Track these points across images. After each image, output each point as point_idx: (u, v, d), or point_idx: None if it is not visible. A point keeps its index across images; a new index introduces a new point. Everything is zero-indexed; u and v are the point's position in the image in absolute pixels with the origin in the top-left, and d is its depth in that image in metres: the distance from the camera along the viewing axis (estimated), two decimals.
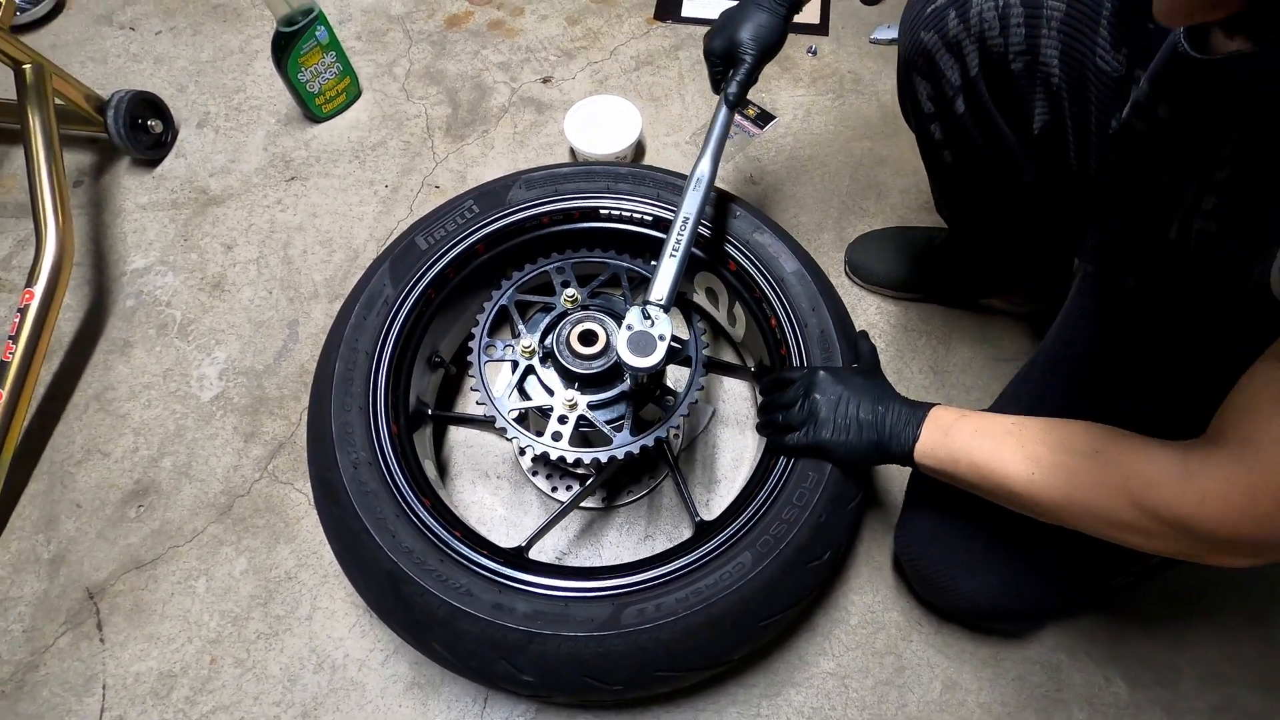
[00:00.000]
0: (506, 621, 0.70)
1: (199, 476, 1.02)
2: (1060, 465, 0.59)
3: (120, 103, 1.21)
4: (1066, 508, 0.59)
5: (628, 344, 0.70)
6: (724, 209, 0.93)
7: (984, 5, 0.71)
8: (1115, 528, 0.56)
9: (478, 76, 1.39)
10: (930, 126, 0.83)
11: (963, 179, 0.90)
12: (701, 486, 1.01)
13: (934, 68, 0.77)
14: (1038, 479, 0.60)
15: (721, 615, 0.71)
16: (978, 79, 0.75)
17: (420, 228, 0.91)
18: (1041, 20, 0.69)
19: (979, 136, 0.80)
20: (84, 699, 0.88)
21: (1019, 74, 0.72)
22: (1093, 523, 0.58)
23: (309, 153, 1.31)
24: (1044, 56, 0.70)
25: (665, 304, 0.73)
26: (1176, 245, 0.58)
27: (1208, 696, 0.87)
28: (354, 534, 0.74)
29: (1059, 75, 0.70)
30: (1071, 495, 0.58)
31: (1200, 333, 0.64)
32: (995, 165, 0.82)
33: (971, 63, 0.74)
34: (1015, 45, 0.71)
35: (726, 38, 0.79)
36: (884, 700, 0.87)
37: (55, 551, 0.97)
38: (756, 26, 0.77)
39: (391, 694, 0.88)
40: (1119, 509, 0.55)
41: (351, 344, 0.83)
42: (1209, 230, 0.54)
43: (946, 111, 0.80)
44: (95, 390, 1.09)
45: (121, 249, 1.22)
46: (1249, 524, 0.48)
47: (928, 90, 0.80)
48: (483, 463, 1.03)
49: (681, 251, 0.75)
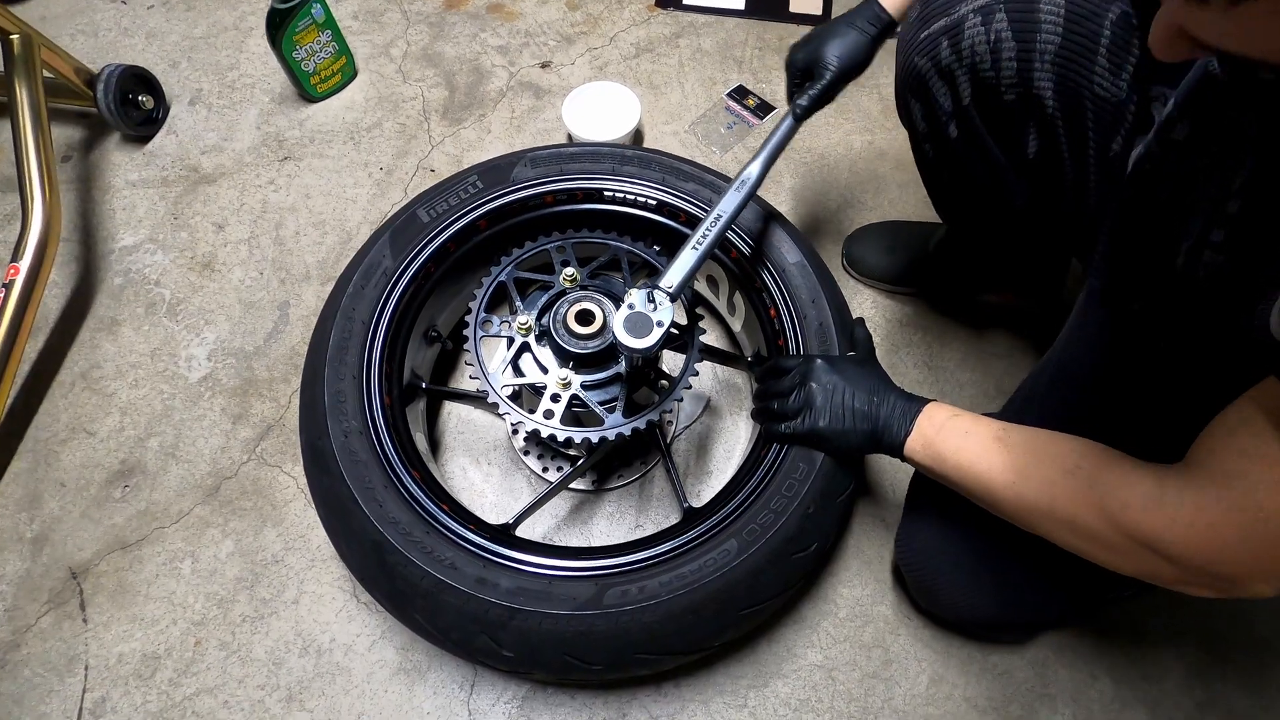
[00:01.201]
0: (489, 596, 0.70)
1: (186, 457, 1.01)
2: (1043, 478, 0.59)
3: (111, 77, 1.19)
4: (1046, 519, 0.59)
5: (624, 323, 0.70)
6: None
7: (975, 37, 0.71)
8: (1091, 543, 0.56)
9: (476, 60, 1.38)
10: (924, 146, 0.84)
11: (956, 194, 0.91)
12: (693, 474, 1.01)
13: (927, 93, 0.77)
14: (1020, 488, 0.60)
15: (704, 601, 0.71)
16: (970, 108, 0.75)
17: (422, 200, 0.90)
18: (1034, 54, 0.69)
19: (972, 159, 0.80)
20: (66, 679, 0.88)
21: (1012, 104, 0.73)
22: (1070, 537, 0.58)
23: (303, 133, 1.29)
24: (1037, 88, 0.70)
25: (674, 292, 0.73)
26: (1183, 275, 0.58)
27: (1193, 694, 0.88)
28: (342, 502, 0.74)
29: (1053, 104, 0.70)
30: (1052, 508, 0.58)
31: (1203, 363, 0.64)
32: (989, 188, 0.82)
33: (964, 91, 0.75)
34: (1007, 78, 0.71)
35: (811, 52, 0.78)
36: (871, 693, 0.87)
37: (38, 530, 0.96)
38: (844, 45, 0.77)
39: (378, 679, 0.88)
40: (1095, 526, 0.55)
41: (348, 313, 0.83)
42: (1217, 262, 0.54)
43: (939, 134, 0.80)
44: (81, 368, 1.07)
45: (110, 226, 1.20)
46: (1213, 552, 0.49)
47: (921, 111, 0.80)
48: (475, 445, 1.03)
49: (705, 246, 0.75)
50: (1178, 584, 0.53)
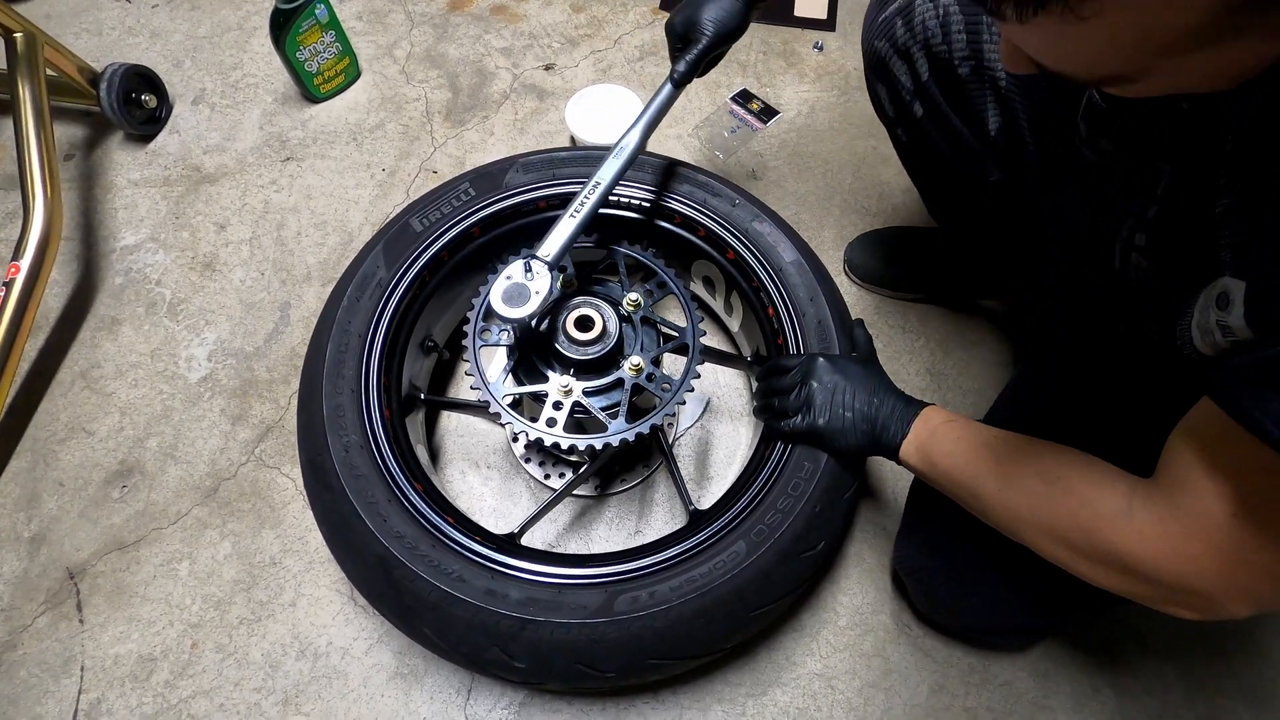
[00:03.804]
0: (499, 608, 0.69)
1: (185, 458, 1.00)
2: (1027, 487, 0.58)
3: (114, 76, 1.19)
4: (1030, 529, 0.58)
5: (502, 294, 0.72)
6: (724, 197, 0.92)
7: (925, 13, 0.75)
8: (1073, 557, 0.55)
9: (479, 61, 1.37)
10: (896, 130, 0.86)
11: (936, 179, 0.92)
12: (695, 477, 1.00)
13: (888, 74, 0.80)
14: (1006, 497, 0.60)
15: (715, 603, 0.70)
16: (929, 84, 0.78)
17: (415, 210, 0.89)
18: (982, 25, 0.71)
19: (940, 138, 0.82)
20: (61, 680, 0.87)
21: (967, 77, 0.75)
22: (1054, 549, 0.57)
23: (305, 133, 1.29)
24: (988, 60, 0.72)
25: (551, 261, 0.74)
26: (1119, 276, 0.59)
27: (1196, 707, 0.87)
28: (345, 518, 0.73)
29: (1005, 78, 0.71)
30: (1036, 518, 0.57)
31: (1154, 374, 0.64)
32: (961, 166, 0.83)
33: (921, 68, 0.77)
34: (959, 50, 0.73)
35: (687, 18, 0.78)
36: (870, 703, 0.87)
37: (36, 530, 0.96)
38: (718, 9, 0.77)
39: (374, 683, 0.87)
40: (1075, 539, 0.54)
41: (344, 326, 0.82)
42: (1141, 266, 0.55)
43: (906, 115, 0.82)
44: (81, 368, 1.07)
45: (112, 225, 1.20)
46: (1181, 565, 0.48)
47: (887, 94, 0.83)
48: (475, 450, 1.02)
49: (584, 214, 0.77)
50: (1159, 603, 0.52)
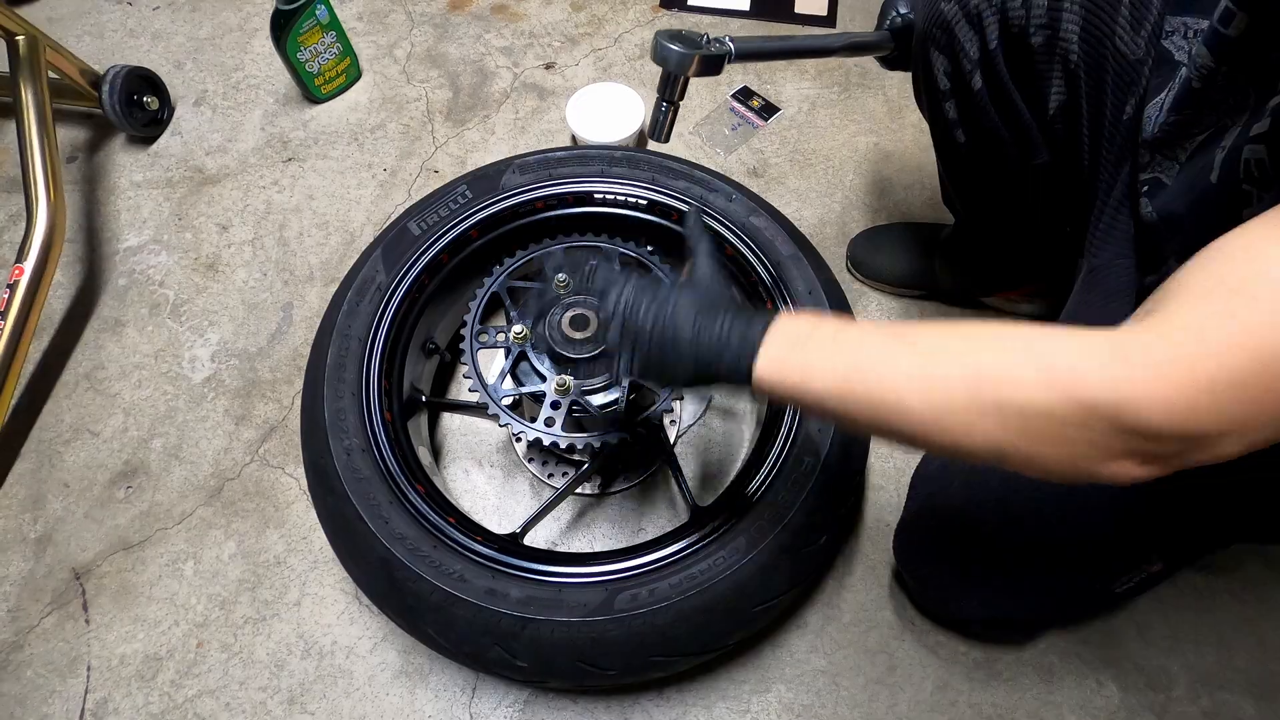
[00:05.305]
0: (500, 607, 0.69)
1: (189, 459, 1.01)
2: (963, 354, 0.46)
3: (116, 78, 1.19)
4: (966, 413, 0.44)
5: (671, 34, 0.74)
6: (721, 192, 0.92)
7: None
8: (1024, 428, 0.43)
9: (480, 61, 1.37)
10: (945, 105, 0.82)
11: (975, 162, 0.88)
12: (696, 475, 1.00)
13: (952, 41, 0.76)
14: (930, 378, 0.46)
15: (716, 600, 0.71)
16: (996, 52, 0.74)
17: (413, 213, 0.90)
18: None
19: (995, 114, 0.79)
20: (68, 680, 0.88)
21: (1039, 48, 0.72)
22: (999, 430, 0.44)
23: (307, 134, 1.29)
24: (1064, 31, 0.69)
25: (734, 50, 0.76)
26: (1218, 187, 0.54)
27: (1200, 702, 0.87)
28: (347, 521, 0.74)
29: (1077, 53, 0.69)
30: (977, 391, 0.44)
31: None
32: (1011, 146, 0.81)
33: (991, 35, 0.74)
34: (1037, 18, 0.70)
35: None
36: (875, 699, 0.87)
37: (42, 531, 0.96)
38: None
39: (379, 681, 0.87)
40: (1038, 399, 0.42)
41: (344, 331, 0.83)
42: (1257, 157, 0.50)
43: (963, 88, 0.79)
44: (85, 369, 1.08)
45: (115, 226, 1.20)
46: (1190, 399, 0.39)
47: (944, 66, 0.79)
48: (477, 448, 1.02)
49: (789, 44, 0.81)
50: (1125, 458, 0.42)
